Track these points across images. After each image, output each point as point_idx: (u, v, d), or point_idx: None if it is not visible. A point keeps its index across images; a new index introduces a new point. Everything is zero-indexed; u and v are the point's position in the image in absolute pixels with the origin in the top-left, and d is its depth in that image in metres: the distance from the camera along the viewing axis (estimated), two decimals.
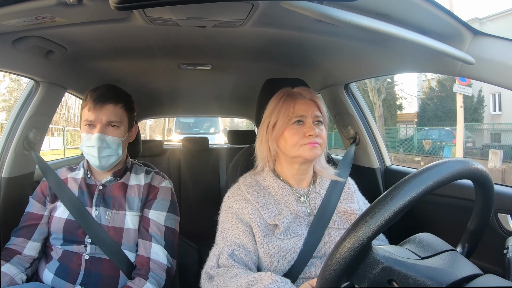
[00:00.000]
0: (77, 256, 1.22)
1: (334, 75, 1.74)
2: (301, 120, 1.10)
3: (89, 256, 1.22)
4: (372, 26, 0.75)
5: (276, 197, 1.13)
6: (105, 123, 1.24)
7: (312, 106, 1.13)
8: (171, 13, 1.05)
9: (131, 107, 1.33)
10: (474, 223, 0.82)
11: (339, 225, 1.13)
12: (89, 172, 1.34)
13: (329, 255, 0.65)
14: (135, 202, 1.29)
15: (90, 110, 1.24)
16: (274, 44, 1.44)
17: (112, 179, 1.32)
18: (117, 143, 1.26)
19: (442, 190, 1.32)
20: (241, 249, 1.05)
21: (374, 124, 1.83)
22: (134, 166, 1.41)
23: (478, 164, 0.72)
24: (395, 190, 0.62)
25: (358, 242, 0.61)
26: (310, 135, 1.08)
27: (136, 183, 1.33)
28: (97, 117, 1.23)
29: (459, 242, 0.85)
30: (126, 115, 1.31)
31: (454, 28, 0.97)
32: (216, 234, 1.13)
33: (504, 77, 0.94)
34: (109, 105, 1.25)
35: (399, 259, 0.67)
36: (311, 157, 1.09)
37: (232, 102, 3.00)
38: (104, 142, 1.24)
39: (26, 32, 1.11)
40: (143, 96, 2.57)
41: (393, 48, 1.25)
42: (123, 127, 1.29)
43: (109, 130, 1.25)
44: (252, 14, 1.06)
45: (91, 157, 1.25)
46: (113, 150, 1.26)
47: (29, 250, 1.23)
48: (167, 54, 1.61)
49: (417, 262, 0.68)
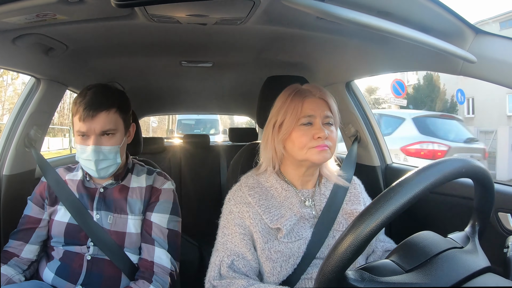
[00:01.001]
0: (78, 256, 1.20)
1: (335, 73, 1.74)
2: (310, 122, 1.05)
3: (91, 256, 1.19)
4: (373, 24, 0.75)
5: (279, 199, 1.08)
6: (99, 133, 1.16)
7: (322, 105, 1.07)
8: (172, 11, 1.05)
9: (125, 107, 1.25)
10: (479, 203, 0.81)
11: (344, 227, 1.08)
12: (87, 175, 1.28)
13: (316, 279, 0.66)
14: (136, 205, 1.25)
15: (81, 121, 1.15)
16: (275, 42, 1.44)
17: (113, 182, 1.27)
18: (114, 151, 1.20)
19: (442, 188, 1.32)
20: (240, 259, 1.03)
21: (375, 122, 1.83)
22: (135, 166, 1.35)
23: (477, 163, 0.72)
24: (370, 210, 0.62)
25: (328, 276, 0.63)
26: (319, 137, 1.02)
27: (138, 186, 1.28)
28: (90, 128, 1.15)
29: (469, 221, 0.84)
30: (121, 118, 1.22)
31: (455, 27, 0.97)
32: (217, 238, 1.10)
33: (505, 76, 0.94)
34: (101, 113, 1.16)
35: (378, 280, 0.66)
36: (320, 161, 1.05)
37: (233, 99, 3.00)
38: (101, 153, 1.17)
39: (27, 30, 1.11)
40: (144, 93, 2.57)
41: (395, 46, 1.25)
42: (119, 133, 1.21)
43: (104, 139, 1.18)
44: (253, 11, 1.05)
45: (89, 170, 1.20)
46: (111, 160, 1.19)
47: (26, 253, 1.21)
48: (168, 52, 1.61)
49: (399, 279, 0.67)
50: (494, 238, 1.07)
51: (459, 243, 0.76)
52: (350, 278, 0.65)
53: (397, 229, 1.43)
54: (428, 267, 0.69)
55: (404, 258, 0.71)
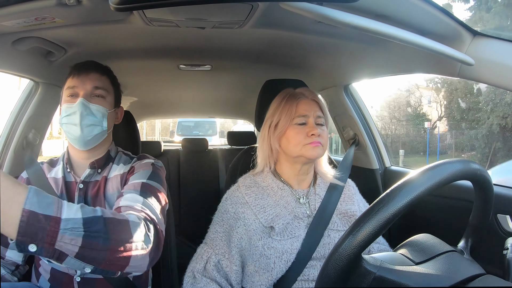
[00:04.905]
0: (67, 278, 1.09)
1: (334, 76, 1.75)
2: (304, 122, 1.10)
3: (80, 278, 1.08)
4: (371, 28, 0.75)
5: (275, 198, 1.12)
6: (90, 90, 1.10)
7: (314, 106, 1.13)
8: (170, 14, 1.05)
9: (116, 82, 1.22)
10: (475, 220, 0.82)
11: (339, 226, 1.12)
12: (68, 166, 1.16)
13: (322, 268, 0.65)
14: (114, 198, 1.09)
15: (74, 77, 1.10)
16: (274, 45, 1.44)
17: (91, 172, 1.13)
18: (102, 112, 1.10)
19: (441, 191, 1.32)
20: (225, 259, 1.07)
21: (373, 125, 1.83)
22: (118, 155, 1.22)
23: (477, 165, 0.72)
24: (378, 204, 0.62)
25: (345, 257, 0.62)
26: (312, 134, 1.08)
27: (115, 174, 1.15)
28: (81, 83, 1.09)
29: (462, 237, 0.84)
30: (112, 87, 1.18)
31: (453, 29, 0.97)
32: (208, 231, 1.14)
33: (503, 78, 0.94)
34: (95, 73, 1.13)
35: (390, 267, 0.66)
36: (314, 156, 1.09)
37: (232, 103, 3.01)
38: (88, 109, 1.08)
39: (26, 33, 1.11)
40: (142, 96, 2.57)
41: (393, 50, 1.25)
42: (109, 98, 1.15)
43: (94, 99, 1.10)
44: (251, 15, 1.06)
45: (72, 127, 1.08)
46: (98, 119, 1.09)
47: (10, 257, 1.11)
48: (166, 55, 1.61)
49: (410, 269, 0.67)
50: (493, 240, 1.07)
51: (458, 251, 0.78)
52: (365, 262, 0.65)
53: (397, 231, 1.43)
54: (437, 262, 0.70)
55: (412, 252, 0.73)
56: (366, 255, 0.68)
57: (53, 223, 0.66)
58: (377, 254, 0.71)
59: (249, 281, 1.08)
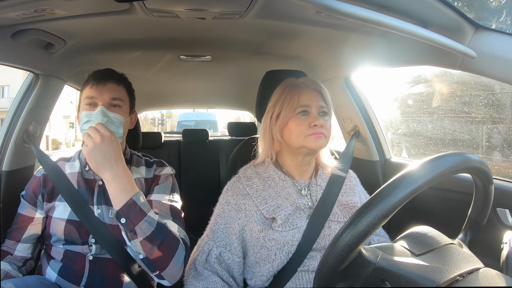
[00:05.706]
0: (80, 257, 1.17)
1: (335, 68, 1.74)
2: (306, 111, 1.08)
3: (93, 257, 1.17)
4: (373, 19, 0.75)
5: (276, 189, 1.11)
6: (108, 101, 1.17)
7: (317, 96, 1.11)
8: (171, 5, 1.04)
9: (131, 91, 1.28)
10: (474, 213, 0.83)
11: (340, 218, 1.12)
12: (87, 165, 1.24)
13: (322, 259, 0.66)
14: None
15: (93, 87, 1.17)
16: (275, 36, 1.43)
17: None
18: (119, 121, 1.17)
19: (441, 183, 1.33)
20: (226, 251, 1.08)
21: (374, 117, 1.83)
22: (133, 157, 1.33)
23: (477, 158, 0.72)
24: (378, 196, 0.63)
25: (345, 247, 0.62)
26: (315, 125, 1.06)
27: (137, 176, 1.25)
28: (100, 93, 1.16)
29: (461, 229, 0.85)
30: (128, 96, 1.25)
31: (455, 22, 0.96)
32: (209, 223, 1.14)
33: (505, 72, 0.94)
34: (112, 83, 1.19)
35: (390, 258, 0.67)
36: (316, 147, 1.08)
37: (233, 94, 2.99)
38: (107, 116, 1.14)
39: (25, 25, 1.11)
40: (143, 88, 2.56)
41: (394, 41, 1.24)
42: (125, 107, 1.22)
43: (111, 108, 1.17)
44: (252, 5, 1.05)
45: None
46: (115, 127, 1.16)
47: (19, 251, 1.19)
48: (167, 46, 1.60)
49: (410, 260, 0.68)
50: (492, 233, 1.08)
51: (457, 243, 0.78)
52: (365, 253, 0.66)
53: (396, 223, 1.43)
54: (436, 254, 0.71)
55: (412, 244, 0.73)
56: (366, 245, 0.68)
57: (141, 214, 1.00)
58: (376, 245, 0.71)
59: (249, 271, 1.10)
